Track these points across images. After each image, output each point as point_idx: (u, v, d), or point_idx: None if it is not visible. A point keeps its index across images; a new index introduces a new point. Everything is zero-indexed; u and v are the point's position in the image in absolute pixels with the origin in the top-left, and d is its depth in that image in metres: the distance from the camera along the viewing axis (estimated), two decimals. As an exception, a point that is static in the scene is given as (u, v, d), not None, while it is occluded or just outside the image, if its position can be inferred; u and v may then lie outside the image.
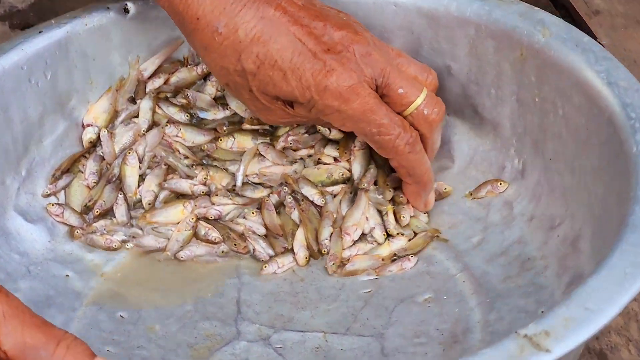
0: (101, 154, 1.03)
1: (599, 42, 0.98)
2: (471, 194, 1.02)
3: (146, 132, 1.04)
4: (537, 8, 0.96)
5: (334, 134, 1.01)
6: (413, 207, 0.97)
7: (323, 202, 0.98)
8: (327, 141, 1.01)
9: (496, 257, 0.95)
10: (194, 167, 1.02)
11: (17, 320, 0.61)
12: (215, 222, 1.00)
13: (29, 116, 0.98)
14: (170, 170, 1.03)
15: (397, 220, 0.98)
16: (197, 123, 1.05)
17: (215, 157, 1.04)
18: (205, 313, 0.94)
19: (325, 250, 0.96)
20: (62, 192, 1.02)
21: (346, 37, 0.84)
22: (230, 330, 0.92)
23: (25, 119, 0.97)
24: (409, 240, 0.98)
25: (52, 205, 0.99)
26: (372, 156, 1.00)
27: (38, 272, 0.96)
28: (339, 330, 0.91)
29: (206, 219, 0.99)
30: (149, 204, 1.01)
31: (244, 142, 1.03)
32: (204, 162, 1.04)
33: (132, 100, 1.05)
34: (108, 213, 1.01)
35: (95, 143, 1.04)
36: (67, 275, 0.98)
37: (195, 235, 0.99)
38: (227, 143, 1.02)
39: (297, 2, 0.85)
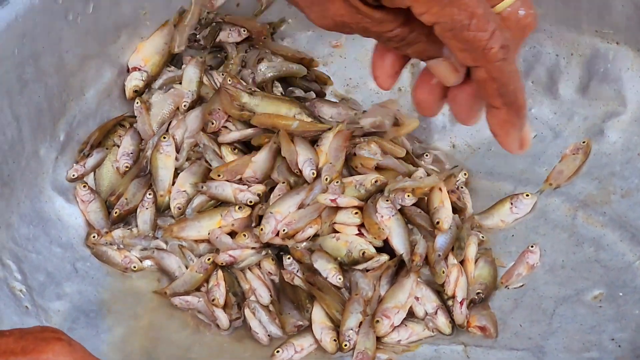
0: None
1: None
2: (653, 150, 0.92)
3: (187, 111, 0.93)
4: None
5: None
6: (504, 145, 0.81)
7: (340, 282, 0.85)
8: (336, 209, 0.88)
9: (690, 237, 0.87)
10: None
11: None
12: (224, 268, 0.87)
13: (67, 63, 0.89)
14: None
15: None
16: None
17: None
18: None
19: (347, 344, 0.83)
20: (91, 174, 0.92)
21: None
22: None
23: (62, 67, 0.88)
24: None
25: (84, 186, 0.88)
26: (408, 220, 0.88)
27: (87, 270, 0.87)
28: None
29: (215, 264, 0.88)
30: (179, 209, 0.88)
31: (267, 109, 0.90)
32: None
33: (196, 38, 0.96)
34: (129, 215, 0.89)
35: (142, 92, 0.92)
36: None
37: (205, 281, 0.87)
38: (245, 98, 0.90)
39: None
